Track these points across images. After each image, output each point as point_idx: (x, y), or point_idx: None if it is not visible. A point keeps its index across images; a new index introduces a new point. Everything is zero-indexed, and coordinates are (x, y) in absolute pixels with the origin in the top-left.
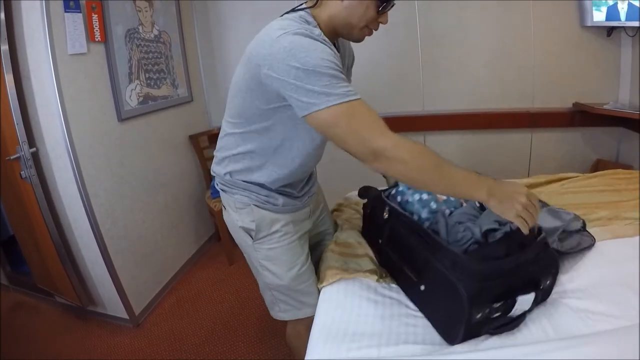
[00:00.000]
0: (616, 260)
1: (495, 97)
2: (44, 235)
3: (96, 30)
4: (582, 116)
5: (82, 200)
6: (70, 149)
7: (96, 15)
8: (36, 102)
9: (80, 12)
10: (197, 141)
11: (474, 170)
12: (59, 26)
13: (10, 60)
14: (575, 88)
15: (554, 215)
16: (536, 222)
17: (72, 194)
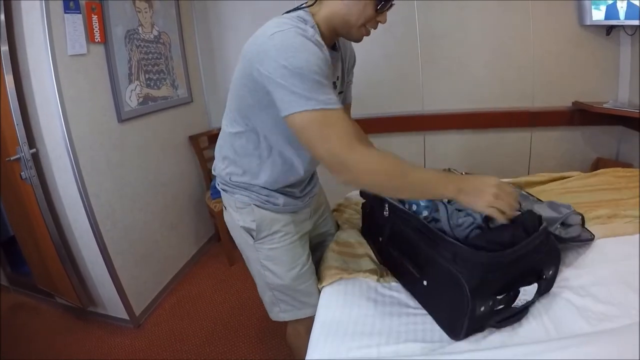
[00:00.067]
0: (616, 258)
1: (495, 97)
2: (44, 235)
3: (96, 31)
4: (582, 115)
5: (82, 200)
6: (70, 149)
7: (96, 16)
8: (36, 103)
9: (80, 13)
10: (197, 142)
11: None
12: (59, 27)
13: (10, 61)
14: (574, 87)
15: (553, 208)
16: (513, 210)
17: (72, 194)
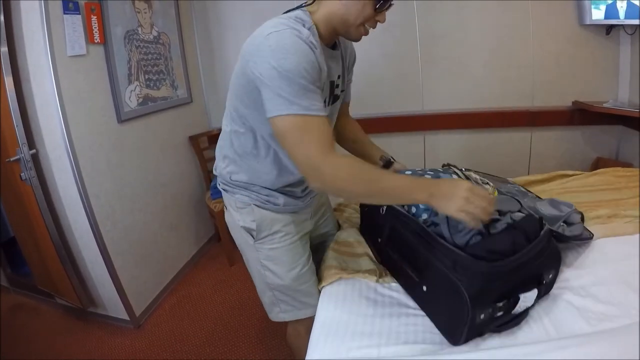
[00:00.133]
0: (616, 258)
1: (494, 96)
2: (44, 236)
3: (95, 32)
4: (582, 115)
5: (82, 201)
6: (70, 150)
7: (95, 17)
8: (36, 104)
9: (79, 14)
10: (197, 142)
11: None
12: (58, 28)
13: (9, 62)
14: (574, 87)
15: (554, 206)
16: (487, 215)
17: (72, 195)
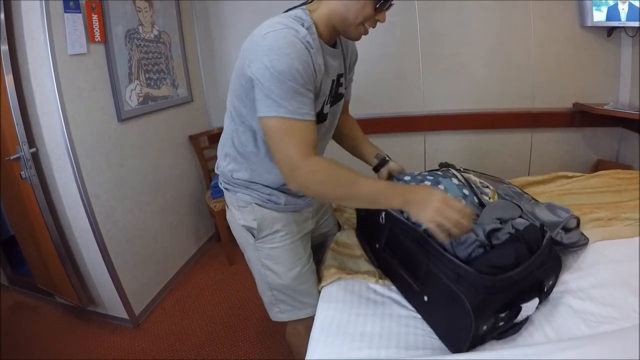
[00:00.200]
0: (616, 261)
1: (495, 97)
2: (44, 235)
3: (96, 31)
4: (582, 116)
5: (82, 200)
6: (70, 149)
7: (96, 16)
8: (36, 103)
9: (80, 13)
10: (197, 141)
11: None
12: (59, 27)
13: (10, 61)
14: (575, 88)
15: (551, 210)
16: (460, 229)
17: (72, 194)
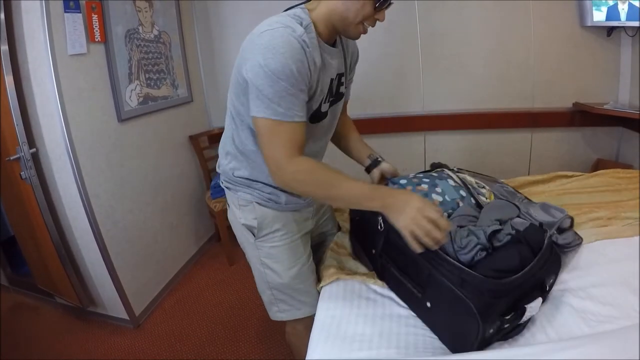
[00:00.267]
0: (616, 260)
1: (495, 97)
2: (44, 236)
3: (96, 31)
4: (582, 116)
5: (82, 200)
6: (70, 149)
7: (96, 16)
8: (36, 103)
9: (80, 13)
10: (197, 141)
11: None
12: (59, 27)
13: (10, 61)
14: (575, 88)
15: (545, 211)
16: (433, 240)
17: (72, 194)
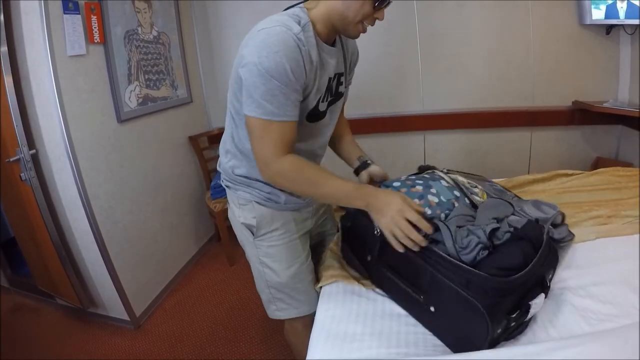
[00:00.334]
0: (616, 258)
1: (494, 96)
2: (44, 237)
3: (95, 32)
4: (582, 114)
5: (82, 201)
6: (69, 150)
7: (95, 17)
8: (35, 104)
9: (79, 14)
10: (197, 142)
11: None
12: (58, 28)
13: (9, 62)
14: (574, 86)
15: (537, 207)
16: (408, 242)
17: (72, 195)
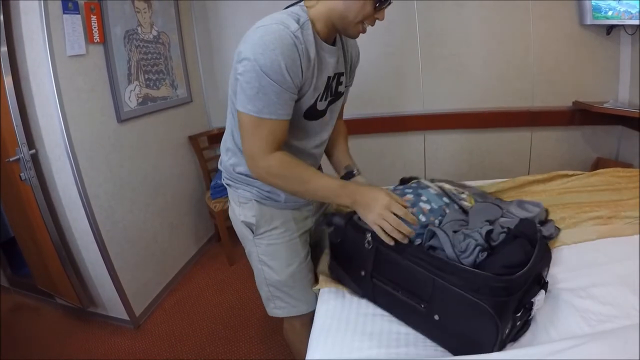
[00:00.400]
0: (616, 259)
1: (495, 96)
2: (44, 236)
3: (95, 32)
4: (582, 115)
5: (82, 201)
6: (69, 150)
7: (95, 17)
8: (35, 104)
9: (78, 14)
10: (197, 142)
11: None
12: (58, 28)
13: (9, 62)
14: (574, 86)
15: (522, 207)
16: (398, 235)
17: (72, 195)
